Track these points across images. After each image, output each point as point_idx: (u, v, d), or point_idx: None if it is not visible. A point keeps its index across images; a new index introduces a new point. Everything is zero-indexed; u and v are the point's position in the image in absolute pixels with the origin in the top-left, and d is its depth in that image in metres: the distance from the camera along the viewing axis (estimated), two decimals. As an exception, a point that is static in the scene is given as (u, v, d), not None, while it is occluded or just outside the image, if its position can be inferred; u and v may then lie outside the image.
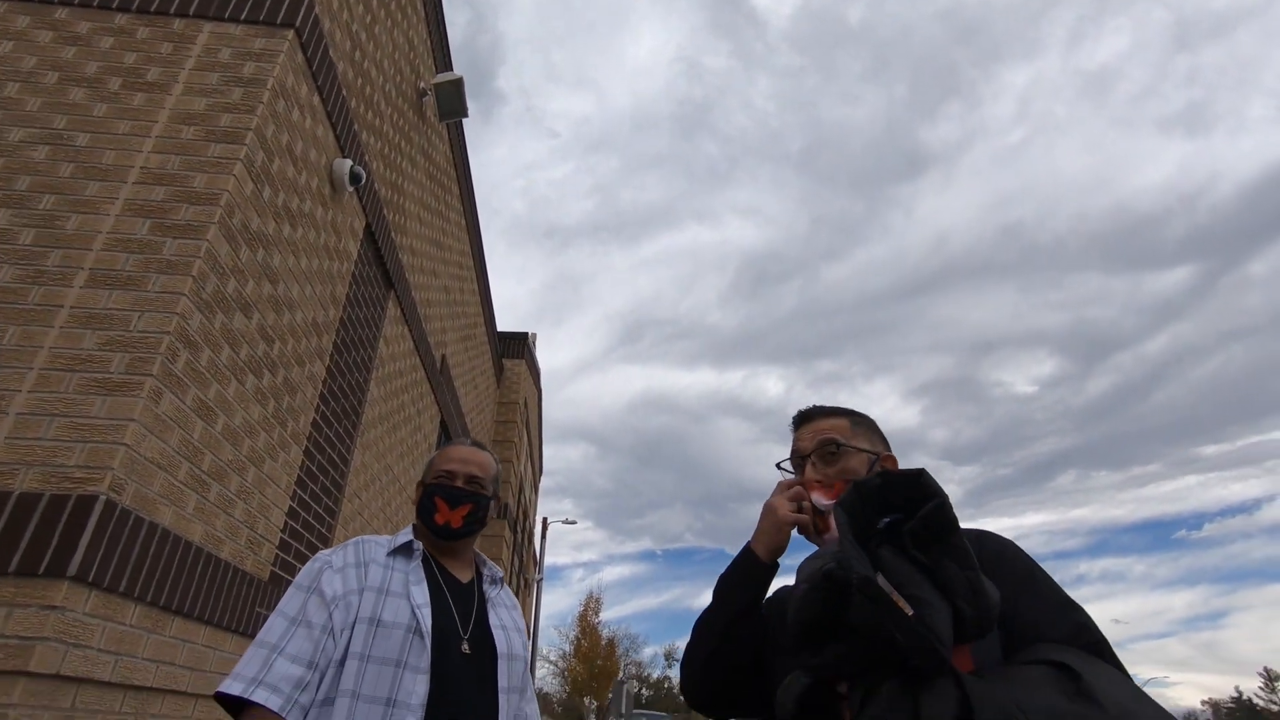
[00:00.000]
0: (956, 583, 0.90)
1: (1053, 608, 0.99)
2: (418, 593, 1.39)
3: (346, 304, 4.53)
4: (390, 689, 1.26)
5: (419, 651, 1.31)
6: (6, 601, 2.08)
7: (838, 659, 0.97)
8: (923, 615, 0.87)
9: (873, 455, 1.21)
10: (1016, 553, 1.07)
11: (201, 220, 2.83)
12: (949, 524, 0.94)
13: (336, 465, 4.56)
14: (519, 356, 13.51)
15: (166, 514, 2.61)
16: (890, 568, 0.93)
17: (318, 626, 1.29)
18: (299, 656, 1.26)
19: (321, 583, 1.35)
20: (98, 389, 2.44)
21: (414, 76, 5.89)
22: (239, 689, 1.21)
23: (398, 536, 1.51)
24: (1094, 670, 0.85)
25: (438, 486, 1.55)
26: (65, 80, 3.11)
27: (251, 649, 1.28)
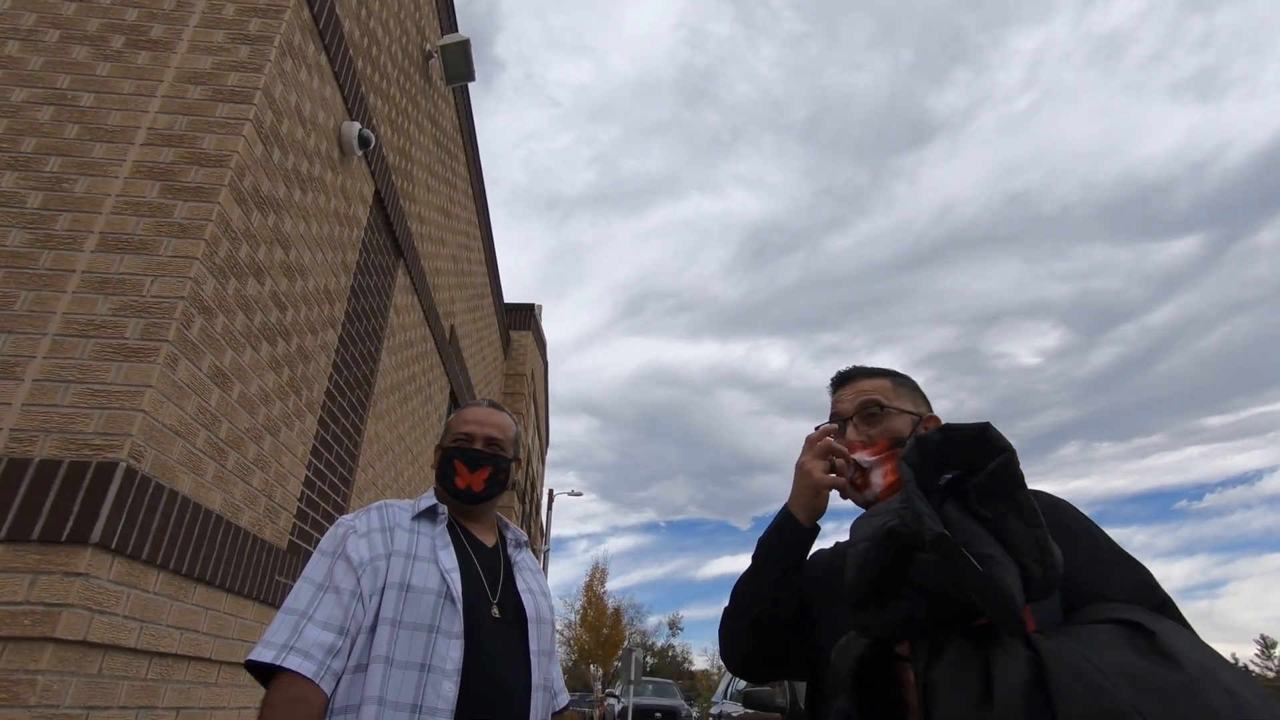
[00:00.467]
0: (1024, 541, 0.86)
1: (1114, 565, 0.95)
2: (445, 557, 1.36)
3: (357, 271, 4.47)
4: (424, 654, 1.24)
5: (451, 616, 1.28)
6: (31, 568, 2.06)
7: (902, 619, 0.93)
8: (992, 573, 0.83)
9: (916, 416, 1.17)
10: (1073, 511, 1.03)
11: (212, 183, 2.76)
12: (1016, 479, 0.89)
13: (350, 434, 4.54)
14: (526, 328, 13.46)
15: (186, 482, 2.58)
16: (957, 525, 0.89)
17: (346, 592, 1.26)
18: (329, 622, 1.23)
19: (347, 548, 1.32)
20: (113, 355, 2.39)
21: (420, 38, 5.74)
22: (270, 656, 1.18)
23: (420, 500, 1.47)
24: (1167, 629, 0.81)
25: (456, 449, 1.51)
26: (66, 38, 3.01)
27: (280, 616, 1.24)
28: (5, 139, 2.75)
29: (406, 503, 1.47)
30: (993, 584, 0.83)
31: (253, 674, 1.23)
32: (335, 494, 4.28)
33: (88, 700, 2.13)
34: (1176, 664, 0.75)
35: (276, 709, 1.16)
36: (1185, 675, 0.73)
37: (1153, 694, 0.73)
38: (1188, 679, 0.73)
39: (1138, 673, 0.75)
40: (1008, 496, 0.89)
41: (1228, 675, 0.75)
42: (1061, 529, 0.97)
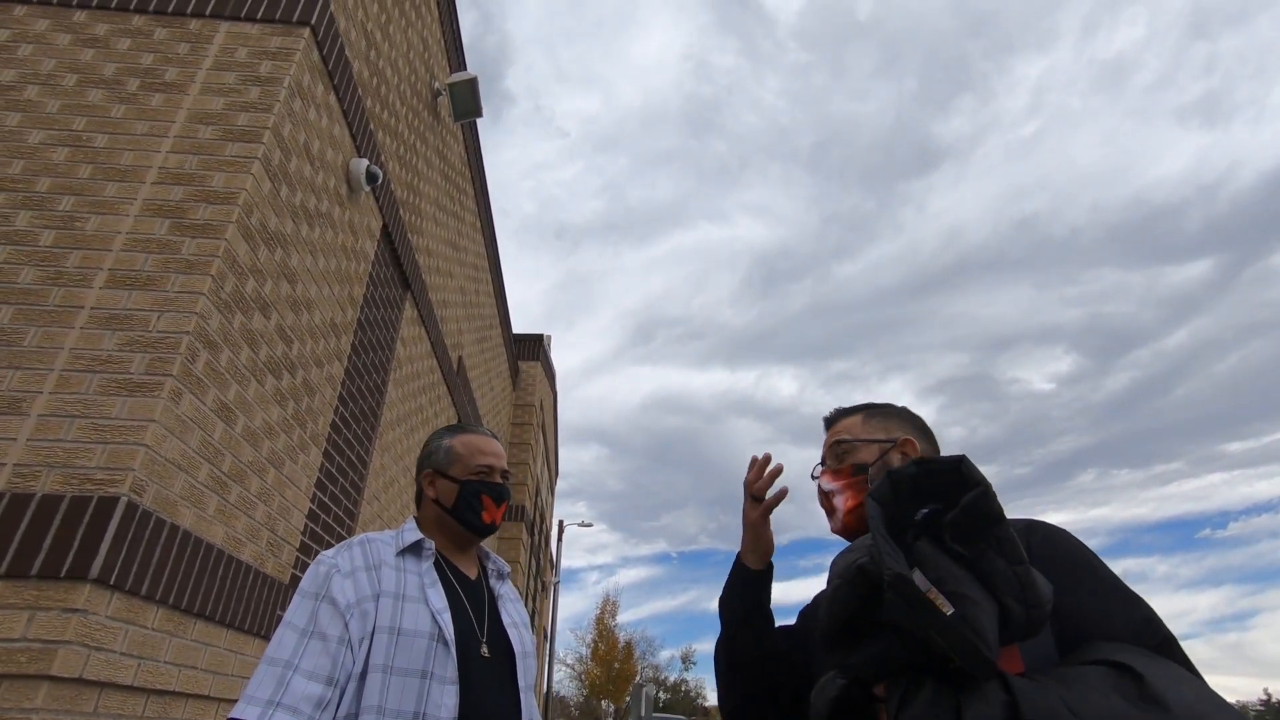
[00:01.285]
0: (1003, 578, 0.84)
1: (1113, 602, 0.92)
2: (435, 597, 1.31)
3: (364, 305, 4.51)
4: (418, 702, 1.19)
5: (444, 661, 1.24)
6: (29, 605, 2.05)
7: (876, 659, 0.91)
8: (965, 613, 0.81)
9: (887, 441, 1.18)
10: (1072, 542, 0.99)
11: (220, 220, 2.81)
12: (993, 514, 0.87)
13: (355, 467, 4.54)
14: (534, 358, 13.50)
15: (187, 516, 2.58)
16: (929, 562, 0.87)
17: (333, 639, 1.20)
18: (316, 673, 1.16)
19: (332, 589, 1.24)
20: (118, 390, 2.42)
21: (428, 76, 5.88)
22: (255, 714, 1.11)
23: (403, 534, 1.40)
24: (1160, 671, 0.78)
25: (482, 484, 1.46)
26: (84, 82, 3.10)
27: (262, 667, 1.17)
28: (21, 179, 2.82)
29: (387, 535, 1.40)
30: (956, 626, 0.81)
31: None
32: (340, 527, 4.27)
33: (82, 739, 2.10)
34: (1165, 709, 0.72)
35: None
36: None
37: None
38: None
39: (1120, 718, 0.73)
40: (987, 532, 0.87)
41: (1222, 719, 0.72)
42: (1058, 562, 0.95)
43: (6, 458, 2.27)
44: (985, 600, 0.83)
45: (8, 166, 2.85)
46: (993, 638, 0.81)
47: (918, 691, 0.87)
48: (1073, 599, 0.91)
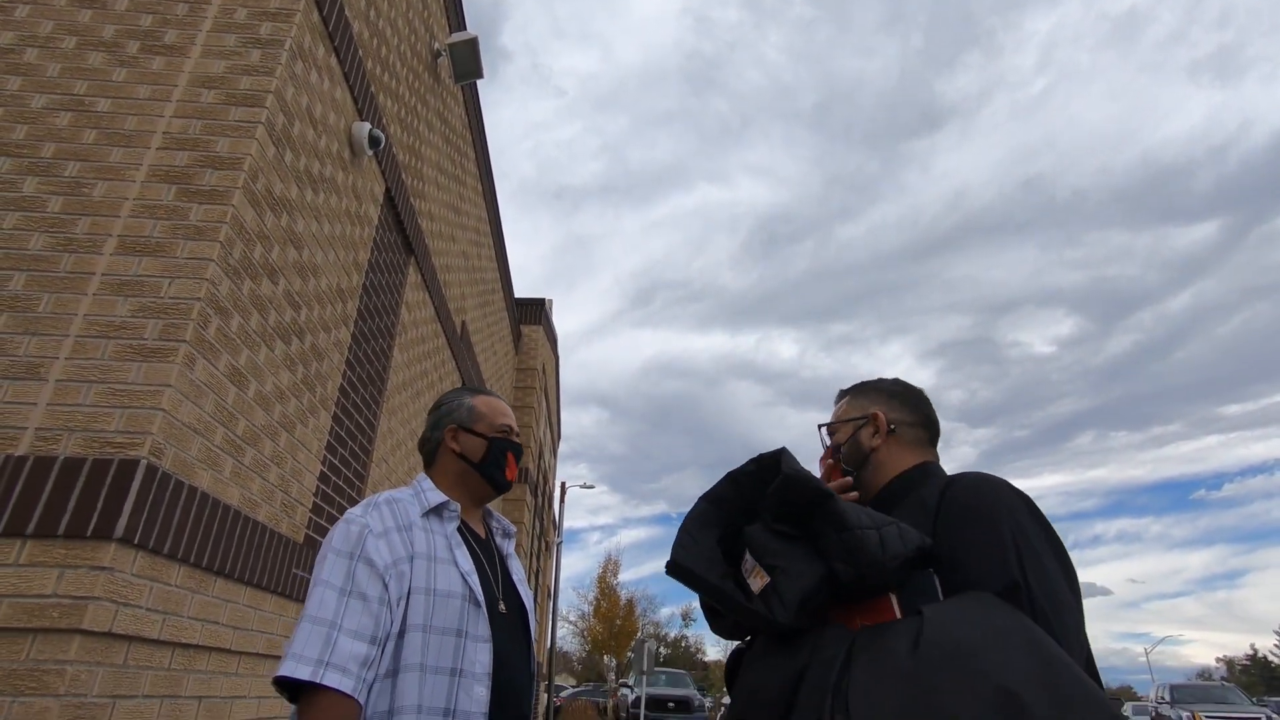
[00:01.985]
0: (831, 545, 0.96)
1: (980, 550, 0.96)
2: (462, 559, 1.35)
3: (368, 270, 4.53)
4: (454, 659, 1.24)
5: (476, 620, 1.29)
6: (58, 562, 2.13)
7: (729, 626, 1.14)
8: (775, 582, 0.96)
9: (859, 420, 1.27)
10: (982, 493, 1.02)
11: (226, 185, 2.81)
12: (810, 493, 0.99)
13: (364, 430, 4.61)
14: (536, 322, 13.52)
15: (205, 478, 2.65)
16: (754, 542, 1.02)
17: (374, 599, 1.20)
18: (360, 632, 1.16)
19: (367, 549, 1.24)
20: (133, 355, 2.46)
21: (428, 37, 5.78)
22: (307, 673, 1.10)
23: (424, 494, 1.42)
24: (953, 615, 0.85)
25: (507, 442, 1.50)
26: (83, 45, 3.07)
27: (306, 625, 1.15)
28: (26, 144, 2.82)
29: (406, 493, 1.41)
30: (729, 597, 0.98)
31: (281, 689, 1.15)
32: (350, 488, 4.36)
33: (114, 690, 2.21)
34: (914, 647, 0.81)
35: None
36: (913, 663, 0.80)
37: (882, 680, 0.81)
38: (912, 667, 0.79)
39: (880, 661, 0.83)
40: (815, 509, 0.98)
41: (991, 658, 0.76)
42: (953, 515, 1.01)
43: (28, 422, 2.33)
44: (807, 566, 0.96)
45: (11, 131, 2.84)
46: (792, 598, 0.94)
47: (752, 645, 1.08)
48: (952, 551, 0.97)
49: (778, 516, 1.02)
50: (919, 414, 1.25)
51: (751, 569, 1.00)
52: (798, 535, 1.00)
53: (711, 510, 1.09)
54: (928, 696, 0.76)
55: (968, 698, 0.74)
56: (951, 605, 0.87)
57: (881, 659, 0.82)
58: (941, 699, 0.75)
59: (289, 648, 1.14)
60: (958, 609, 0.86)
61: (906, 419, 1.24)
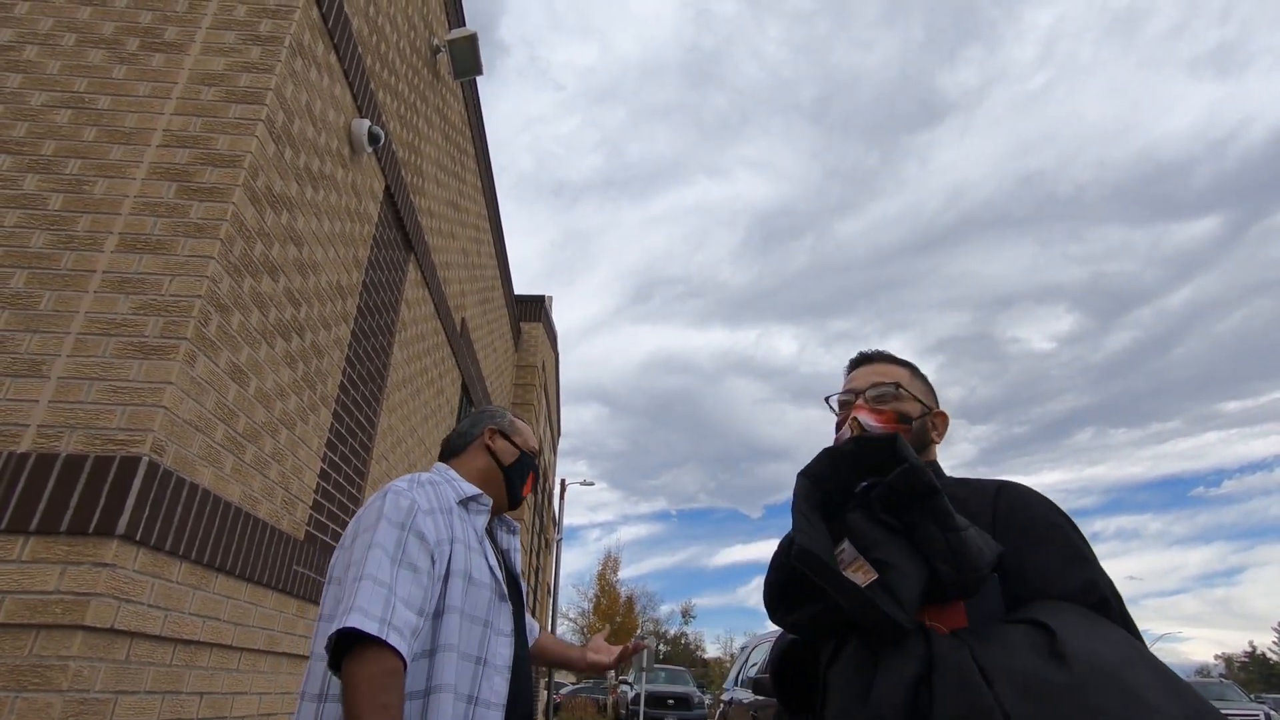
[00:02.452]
0: (934, 544, 0.91)
1: (1059, 562, 0.96)
2: (489, 552, 1.38)
3: (368, 267, 4.53)
4: (480, 648, 1.25)
5: (499, 612, 1.31)
6: (60, 559, 2.14)
7: (809, 620, 1.01)
8: (885, 579, 0.88)
9: (926, 407, 1.22)
10: (1035, 506, 1.03)
11: (227, 183, 2.82)
12: (922, 487, 0.93)
13: (364, 428, 4.62)
14: (536, 319, 13.53)
15: (206, 475, 2.66)
16: (858, 532, 0.95)
17: (424, 571, 1.20)
18: (410, 602, 1.15)
19: (419, 523, 1.23)
20: (134, 352, 2.47)
21: (427, 33, 5.77)
22: (374, 628, 1.07)
23: (457, 483, 1.42)
24: (1079, 629, 0.83)
25: (534, 464, 1.59)
26: (83, 42, 3.07)
27: (368, 584, 1.13)
28: (26, 142, 2.82)
29: (437, 478, 1.40)
30: (860, 593, 0.88)
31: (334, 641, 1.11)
32: (350, 486, 4.37)
33: (116, 685, 2.22)
34: (1066, 665, 0.77)
35: (378, 679, 1.06)
36: (1072, 677, 0.75)
37: (1031, 695, 0.76)
38: (1073, 680, 0.75)
39: (1022, 672, 0.78)
40: (921, 503, 0.93)
41: (1134, 676, 0.76)
42: (1018, 523, 1.00)
43: (30, 419, 2.33)
44: (913, 565, 0.90)
45: (12, 129, 2.84)
46: (909, 600, 0.88)
47: (844, 647, 0.95)
48: (1023, 560, 0.96)
49: (886, 507, 0.96)
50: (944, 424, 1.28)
51: (852, 560, 0.92)
52: (899, 528, 0.94)
53: (814, 490, 1.01)
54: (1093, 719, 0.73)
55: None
56: (1068, 620, 0.84)
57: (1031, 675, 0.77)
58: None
59: (351, 602, 1.10)
60: (1076, 623, 0.84)
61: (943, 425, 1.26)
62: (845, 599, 0.90)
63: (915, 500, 0.93)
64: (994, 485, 1.08)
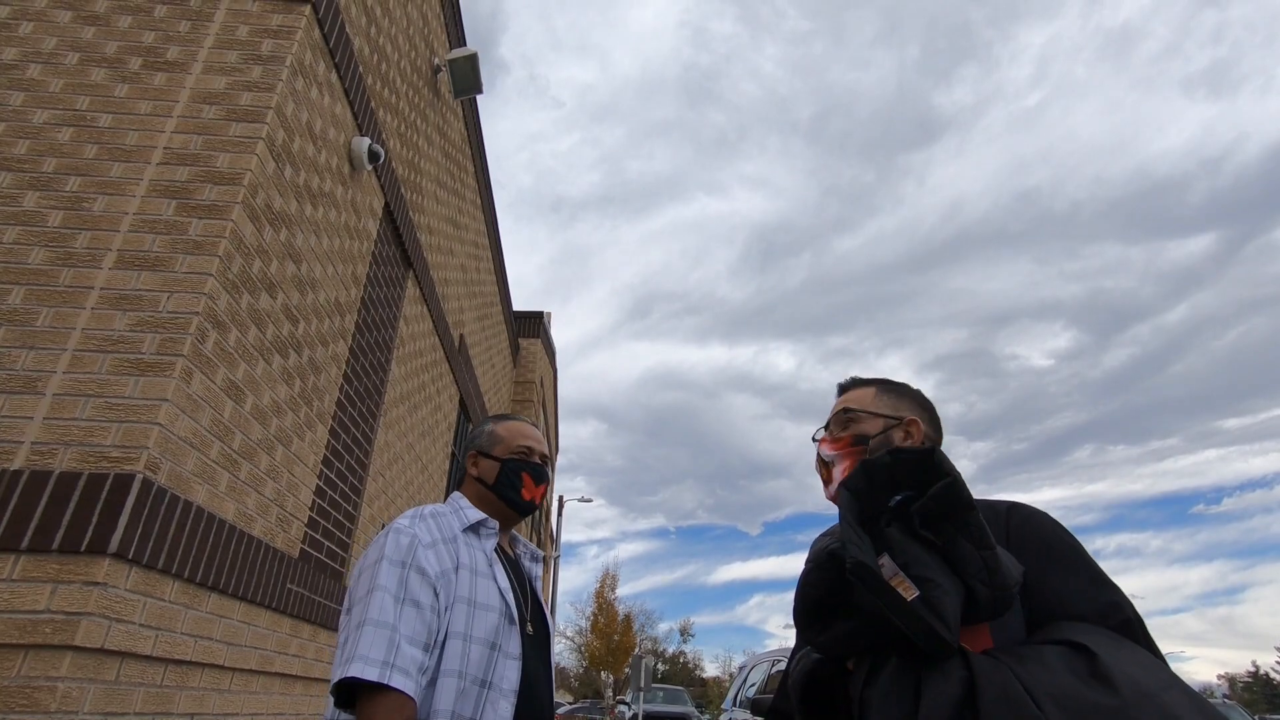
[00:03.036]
0: (970, 561, 0.89)
1: (1082, 584, 0.96)
2: (500, 575, 1.38)
3: (367, 283, 4.54)
4: (486, 671, 1.25)
5: (509, 636, 1.31)
6: (51, 578, 2.12)
7: (845, 637, 0.98)
8: (928, 596, 0.87)
9: (892, 419, 1.20)
10: (1050, 526, 1.04)
11: (226, 200, 2.83)
12: (962, 502, 0.92)
13: (360, 444, 4.60)
14: (535, 335, 13.54)
15: (200, 492, 2.64)
16: (898, 547, 0.92)
17: (427, 606, 1.22)
18: (415, 638, 1.18)
19: (419, 559, 1.26)
20: (130, 369, 2.46)
21: (428, 52, 5.83)
22: (375, 674, 1.11)
23: (463, 510, 1.45)
24: (1114, 650, 0.82)
25: (523, 463, 1.53)
26: (86, 61, 3.10)
27: (370, 630, 1.16)
28: (27, 159, 2.84)
29: (443, 508, 1.45)
30: (913, 610, 0.86)
31: (336, 690, 1.15)
32: (346, 503, 4.35)
33: (105, 707, 2.19)
34: (1111, 687, 0.76)
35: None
36: (1118, 699, 0.75)
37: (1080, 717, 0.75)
38: (1119, 703, 0.74)
39: (1069, 695, 0.77)
40: (956, 519, 0.92)
41: (1172, 699, 0.76)
42: (1033, 545, 1.00)
43: (24, 436, 2.32)
44: (951, 583, 0.88)
45: (13, 146, 2.86)
46: (953, 618, 0.86)
47: (883, 667, 0.93)
48: (1044, 581, 0.95)
49: (924, 522, 0.94)
50: (940, 433, 1.23)
51: (892, 576, 0.90)
52: (936, 545, 0.93)
53: (855, 502, 1.00)
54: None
55: None
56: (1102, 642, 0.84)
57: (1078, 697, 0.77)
58: None
59: (352, 650, 1.14)
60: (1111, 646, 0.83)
61: (933, 435, 1.21)
62: (896, 613, 0.88)
63: (951, 515, 0.92)
64: (1005, 505, 1.07)
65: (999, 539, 0.99)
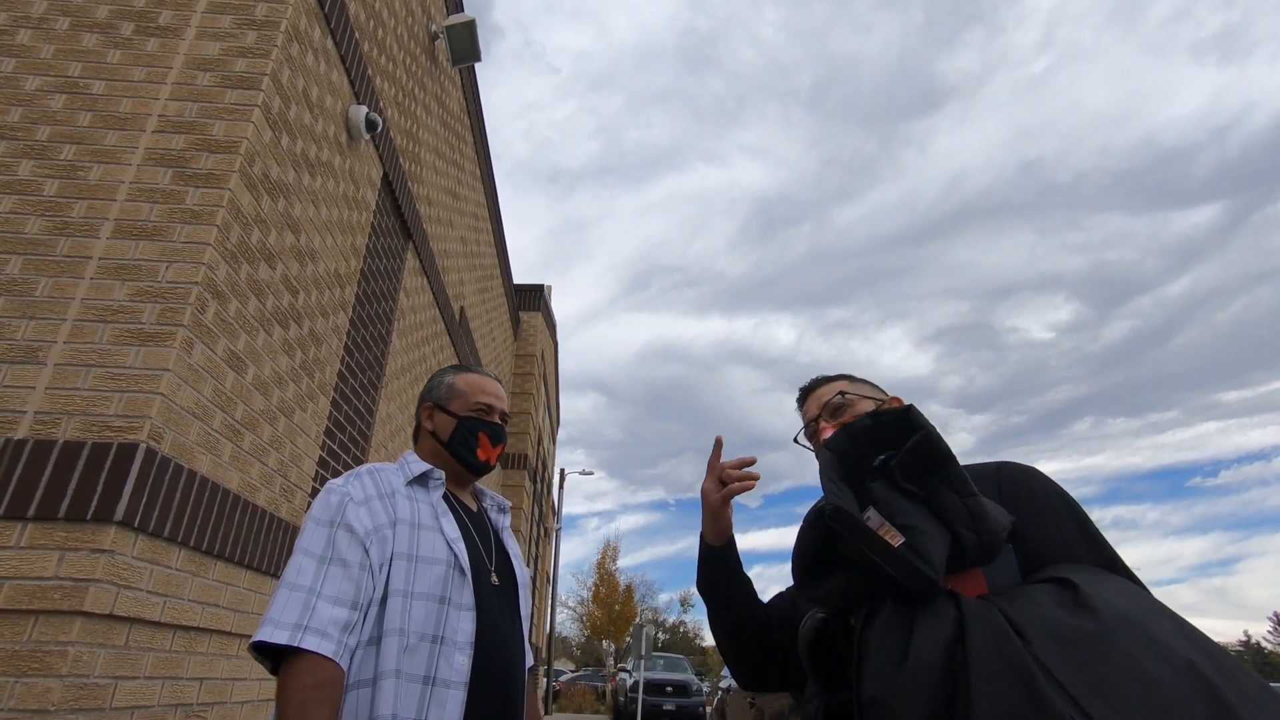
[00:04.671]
0: (954, 510, 0.94)
1: (1069, 529, 1.01)
2: (448, 526, 1.33)
3: (367, 255, 4.51)
4: (436, 626, 1.21)
5: (460, 587, 1.27)
6: (59, 545, 2.14)
7: (840, 589, 1.02)
8: (913, 541, 0.91)
9: (879, 399, 1.27)
10: (1038, 478, 1.09)
11: (223, 169, 2.80)
12: (940, 454, 0.97)
13: (363, 416, 4.62)
14: (535, 309, 13.50)
15: (204, 462, 2.65)
16: (882, 500, 0.97)
17: (355, 564, 1.18)
18: (340, 598, 1.15)
19: (347, 516, 1.23)
20: (131, 339, 2.46)
21: (425, 19, 5.72)
22: (284, 637, 1.09)
23: (409, 464, 1.40)
24: (1097, 583, 0.86)
25: (479, 421, 1.47)
26: (77, 26, 3.04)
27: (282, 591, 1.14)
28: (21, 127, 2.80)
29: (390, 466, 1.40)
30: (899, 550, 0.90)
31: (259, 656, 1.14)
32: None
33: (115, 671, 2.22)
34: (1094, 613, 0.80)
35: (304, 694, 1.07)
36: (1100, 623, 0.79)
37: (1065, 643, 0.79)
38: (1102, 626, 0.78)
39: (1055, 624, 0.81)
40: (938, 470, 0.96)
41: (1155, 624, 0.79)
42: (1025, 496, 1.04)
43: (27, 406, 2.33)
44: (936, 530, 0.93)
45: (6, 114, 2.82)
46: (938, 560, 0.90)
47: (879, 610, 0.97)
48: (1034, 530, 1.00)
49: (905, 475, 0.98)
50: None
51: (878, 527, 0.94)
52: (920, 496, 0.97)
53: (837, 461, 1.04)
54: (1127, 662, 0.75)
55: (1164, 666, 0.74)
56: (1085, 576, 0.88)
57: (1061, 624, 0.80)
58: (1140, 665, 0.75)
59: (266, 614, 1.13)
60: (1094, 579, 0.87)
61: None
62: (880, 555, 0.92)
63: (933, 468, 0.97)
64: (994, 465, 1.12)
65: (991, 495, 1.03)
